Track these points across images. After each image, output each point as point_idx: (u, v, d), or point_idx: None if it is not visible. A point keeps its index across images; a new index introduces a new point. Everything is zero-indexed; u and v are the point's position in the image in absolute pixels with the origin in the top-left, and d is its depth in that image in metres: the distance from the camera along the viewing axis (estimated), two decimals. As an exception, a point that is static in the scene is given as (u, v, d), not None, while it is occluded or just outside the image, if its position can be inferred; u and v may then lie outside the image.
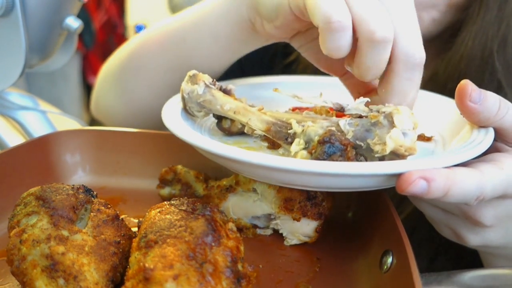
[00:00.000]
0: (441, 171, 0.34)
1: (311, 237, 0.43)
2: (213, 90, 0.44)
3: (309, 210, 0.42)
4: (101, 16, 2.37)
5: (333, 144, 0.37)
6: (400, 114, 0.36)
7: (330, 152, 0.37)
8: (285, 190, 0.42)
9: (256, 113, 0.43)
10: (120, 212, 0.44)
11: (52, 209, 0.34)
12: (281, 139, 0.41)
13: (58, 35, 0.56)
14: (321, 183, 0.37)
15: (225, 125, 0.46)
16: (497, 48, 0.57)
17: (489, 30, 0.57)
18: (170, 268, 0.29)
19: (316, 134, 0.38)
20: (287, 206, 0.42)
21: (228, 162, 0.38)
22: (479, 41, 0.57)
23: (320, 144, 0.37)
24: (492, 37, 0.57)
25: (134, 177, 0.53)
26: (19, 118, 0.63)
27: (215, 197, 0.46)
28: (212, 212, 0.34)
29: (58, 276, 0.31)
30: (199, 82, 0.44)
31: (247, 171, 0.40)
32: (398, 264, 0.34)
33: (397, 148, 0.36)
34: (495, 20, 0.56)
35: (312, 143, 0.38)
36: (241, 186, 0.44)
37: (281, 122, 0.42)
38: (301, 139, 0.39)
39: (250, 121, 0.42)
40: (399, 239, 0.34)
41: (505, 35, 0.56)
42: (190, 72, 0.45)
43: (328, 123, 0.39)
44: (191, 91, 0.44)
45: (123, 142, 0.54)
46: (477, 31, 0.57)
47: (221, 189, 0.46)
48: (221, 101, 0.44)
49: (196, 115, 0.46)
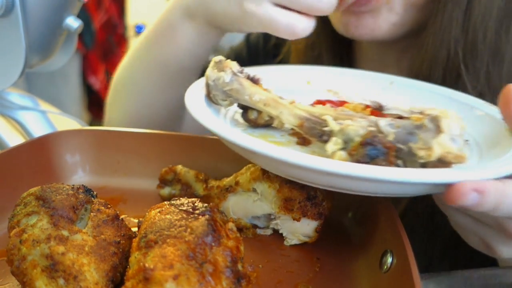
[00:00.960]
0: (493, 184, 0.32)
1: (311, 237, 0.43)
2: (241, 78, 0.42)
3: (309, 210, 0.41)
4: (101, 16, 2.37)
5: (376, 146, 0.34)
6: (447, 118, 0.34)
7: (373, 155, 0.34)
8: (285, 189, 0.42)
9: (288, 107, 0.40)
10: (120, 212, 0.44)
11: (52, 209, 0.34)
12: (315, 136, 0.39)
13: (58, 35, 0.56)
14: (363, 188, 0.35)
15: (251, 116, 0.44)
16: (464, 52, 0.54)
17: (450, 32, 0.54)
18: (170, 268, 0.29)
19: (356, 134, 0.36)
20: (287, 206, 0.42)
21: (260, 158, 0.36)
22: (440, 43, 0.55)
23: (362, 145, 0.35)
24: (456, 40, 0.54)
25: (134, 177, 0.53)
26: (19, 118, 0.63)
27: (215, 197, 0.46)
28: (212, 212, 0.34)
29: (58, 276, 0.31)
30: (226, 69, 0.42)
31: (281, 170, 0.37)
32: (398, 264, 0.34)
33: (444, 155, 0.33)
34: (457, 22, 0.54)
35: (351, 144, 0.36)
36: (241, 186, 0.44)
37: (315, 118, 0.39)
38: (339, 138, 0.36)
39: (281, 114, 0.40)
40: (399, 239, 0.34)
41: (474, 39, 0.54)
42: (215, 58, 0.43)
43: (367, 123, 0.36)
44: (216, 78, 0.42)
45: (123, 142, 0.54)
46: (436, 32, 0.55)
47: (221, 189, 0.46)
48: (250, 91, 0.41)
49: (220, 103, 0.43)
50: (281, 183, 0.42)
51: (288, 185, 0.42)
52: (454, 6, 0.53)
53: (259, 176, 0.43)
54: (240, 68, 0.42)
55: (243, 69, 0.42)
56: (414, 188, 0.34)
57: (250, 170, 0.44)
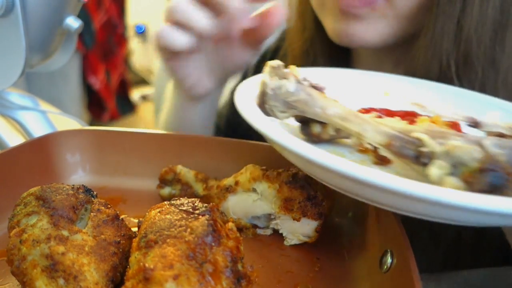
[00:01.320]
0: None
1: (311, 237, 0.43)
2: (307, 88, 0.36)
3: (309, 210, 0.41)
4: (101, 16, 2.37)
5: (497, 172, 0.29)
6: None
7: (497, 184, 0.29)
8: (285, 189, 0.42)
9: (371, 122, 0.34)
10: (120, 212, 0.44)
11: (52, 209, 0.34)
12: (408, 157, 0.33)
13: (58, 35, 0.56)
14: (485, 221, 0.30)
15: (314, 130, 0.38)
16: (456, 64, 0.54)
17: (442, 45, 0.54)
18: (170, 268, 0.29)
19: (471, 158, 0.30)
20: (287, 206, 0.42)
21: (363, 187, 0.29)
22: (432, 56, 0.54)
23: (482, 172, 0.30)
24: (448, 52, 0.54)
25: (134, 177, 0.53)
26: (19, 118, 0.63)
27: (215, 197, 0.46)
28: (212, 212, 0.34)
29: (58, 276, 0.31)
30: (289, 76, 0.36)
31: (383, 200, 0.30)
32: (398, 264, 0.34)
33: None
34: (449, 34, 0.53)
35: (463, 168, 0.30)
36: (241, 186, 0.44)
37: (406, 136, 0.33)
38: (445, 162, 0.31)
39: (365, 132, 0.34)
40: (399, 239, 0.34)
41: (466, 51, 0.53)
42: (272, 63, 0.37)
43: (467, 142, 0.31)
44: (277, 87, 0.36)
45: (123, 142, 0.54)
46: (428, 45, 0.55)
47: (220, 189, 0.46)
48: (322, 103, 0.36)
49: (277, 115, 0.37)
50: (281, 183, 0.42)
51: (288, 185, 0.42)
52: (445, 18, 0.53)
53: (259, 176, 0.43)
54: (303, 75, 0.37)
55: (305, 76, 0.37)
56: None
57: (249, 170, 0.44)
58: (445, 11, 0.53)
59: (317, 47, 0.69)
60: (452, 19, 0.53)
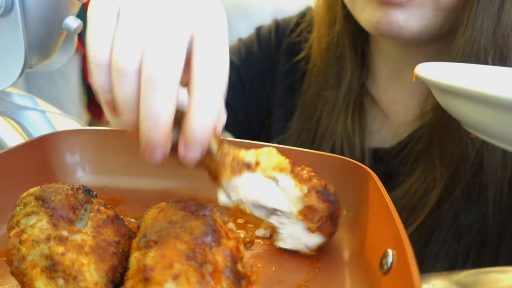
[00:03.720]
0: None
1: (311, 251, 0.42)
2: None
3: (327, 227, 0.40)
4: (101, 16, 2.37)
5: None
6: None
7: None
8: (313, 197, 0.39)
9: None
10: (120, 212, 0.44)
11: (51, 209, 0.34)
12: None
13: (58, 35, 0.56)
14: None
15: None
16: (493, 61, 0.54)
17: (480, 41, 0.54)
18: (170, 268, 0.29)
19: None
20: (308, 214, 0.40)
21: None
22: (470, 51, 0.55)
23: None
24: (486, 48, 0.54)
25: (134, 177, 0.53)
26: (18, 118, 0.63)
27: (228, 167, 0.39)
28: (212, 212, 0.34)
29: (58, 276, 0.31)
30: None
31: None
32: (398, 264, 0.34)
33: None
34: (487, 30, 0.54)
35: None
36: (261, 169, 0.39)
37: None
38: None
39: None
40: (399, 239, 0.34)
41: (502, 48, 0.54)
42: None
43: None
44: None
45: (123, 142, 0.54)
46: (466, 39, 0.55)
47: (238, 161, 0.39)
48: None
49: None
50: (311, 188, 0.39)
51: (319, 195, 0.39)
52: (485, 15, 0.54)
53: (286, 169, 0.39)
54: None
55: None
56: None
57: (274, 155, 0.40)
58: (485, 7, 0.53)
59: (346, 41, 0.69)
60: (491, 16, 0.53)
